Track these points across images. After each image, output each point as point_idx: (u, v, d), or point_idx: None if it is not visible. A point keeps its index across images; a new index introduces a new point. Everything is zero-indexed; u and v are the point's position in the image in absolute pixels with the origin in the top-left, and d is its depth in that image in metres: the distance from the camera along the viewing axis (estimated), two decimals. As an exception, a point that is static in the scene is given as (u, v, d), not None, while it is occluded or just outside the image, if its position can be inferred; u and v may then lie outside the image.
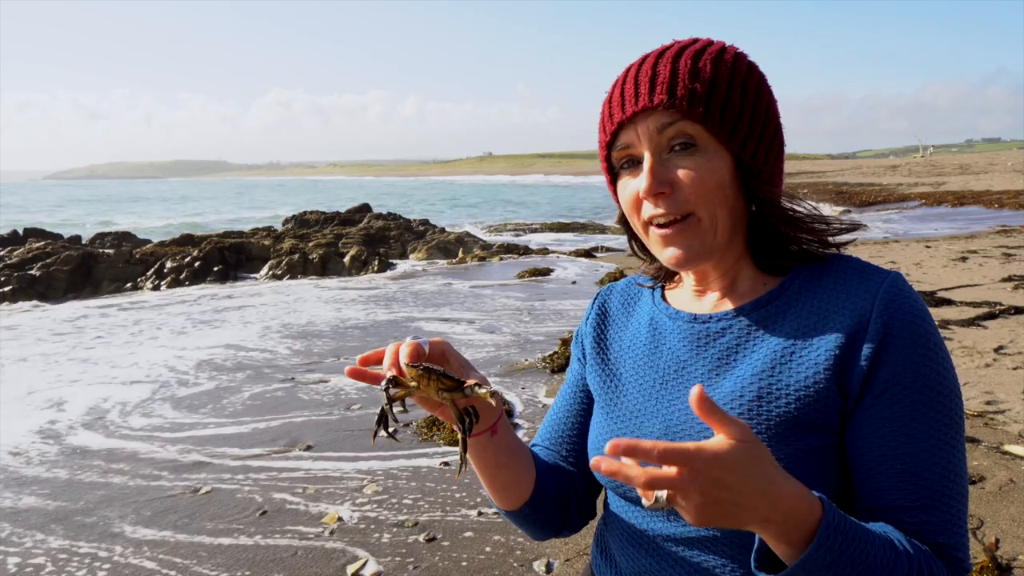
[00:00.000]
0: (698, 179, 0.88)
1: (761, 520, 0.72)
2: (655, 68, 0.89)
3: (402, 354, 0.87)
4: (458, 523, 3.32)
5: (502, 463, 1.00)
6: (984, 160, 51.24)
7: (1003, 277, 8.61)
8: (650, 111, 0.89)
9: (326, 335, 7.57)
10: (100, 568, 3.06)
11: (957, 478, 0.84)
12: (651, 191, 0.89)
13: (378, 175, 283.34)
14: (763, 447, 0.73)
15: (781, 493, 0.72)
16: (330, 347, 7.01)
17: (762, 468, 0.71)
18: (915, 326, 0.85)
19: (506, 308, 8.67)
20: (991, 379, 4.86)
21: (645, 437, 0.96)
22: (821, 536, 0.71)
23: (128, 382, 6.00)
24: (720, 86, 0.88)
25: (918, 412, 0.83)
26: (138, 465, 4.19)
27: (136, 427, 4.86)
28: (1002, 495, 3.29)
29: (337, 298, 10.04)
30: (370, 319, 8.39)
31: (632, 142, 0.91)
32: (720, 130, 0.88)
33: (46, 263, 12.41)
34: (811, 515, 0.73)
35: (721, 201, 0.90)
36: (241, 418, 4.97)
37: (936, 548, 0.82)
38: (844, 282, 0.90)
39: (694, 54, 0.90)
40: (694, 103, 0.87)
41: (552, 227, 22.32)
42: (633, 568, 0.98)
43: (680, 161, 0.89)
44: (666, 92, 0.87)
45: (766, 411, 0.86)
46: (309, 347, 7.03)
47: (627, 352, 1.05)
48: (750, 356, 0.91)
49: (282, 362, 6.48)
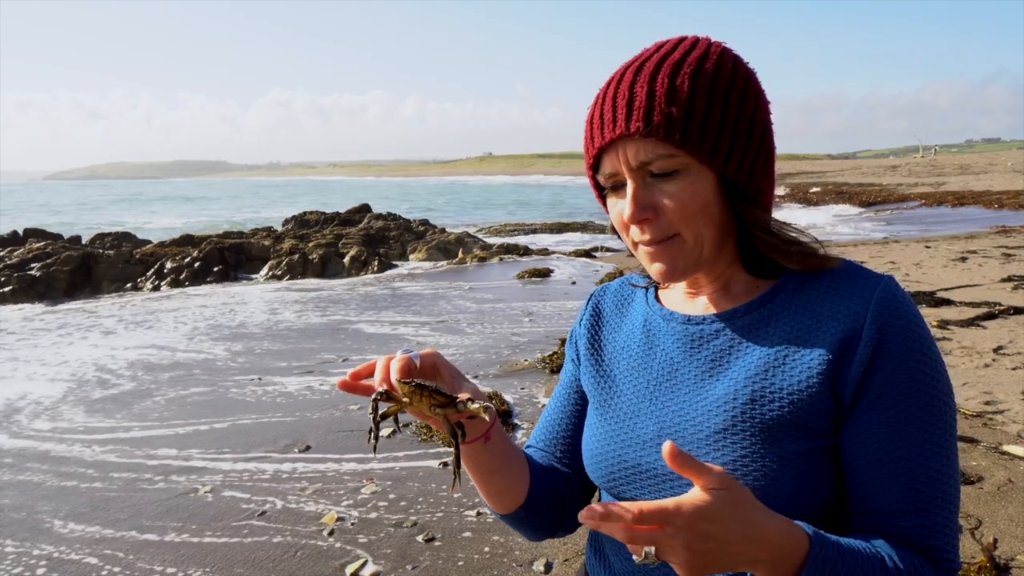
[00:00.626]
0: (680, 204, 0.87)
1: (750, 562, 0.74)
2: (632, 90, 0.88)
3: (393, 369, 0.87)
4: (456, 523, 3.32)
5: (496, 469, 1.00)
6: (984, 160, 51.24)
7: (1003, 277, 8.61)
8: (627, 138, 0.87)
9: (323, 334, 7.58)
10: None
11: (950, 481, 0.84)
12: (634, 219, 0.89)
13: (378, 175, 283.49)
14: (743, 490, 0.74)
15: (766, 534, 0.73)
16: (325, 347, 7.02)
17: (744, 513, 0.73)
18: (909, 331, 0.85)
19: (499, 310, 8.68)
20: (990, 379, 4.86)
21: (638, 439, 0.96)
22: (809, 570, 0.74)
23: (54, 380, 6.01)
24: (698, 105, 0.86)
25: (913, 417, 0.83)
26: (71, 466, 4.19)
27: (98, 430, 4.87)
28: (1000, 495, 3.29)
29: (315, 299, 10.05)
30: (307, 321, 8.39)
31: (616, 169, 0.90)
32: (700, 152, 0.86)
33: (46, 264, 12.41)
34: (798, 549, 0.75)
35: (706, 221, 0.89)
36: (204, 418, 4.97)
37: (928, 551, 0.83)
38: (838, 287, 0.90)
39: (672, 69, 0.87)
40: (671, 129, 0.85)
41: (552, 227, 22.32)
42: (627, 568, 0.98)
43: (663, 186, 0.88)
44: (642, 119, 0.86)
45: (759, 414, 0.86)
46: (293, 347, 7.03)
47: (621, 353, 1.05)
48: (743, 359, 0.91)
49: (225, 364, 6.49)
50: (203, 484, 3.90)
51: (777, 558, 0.74)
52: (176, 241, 15.64)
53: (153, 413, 5.18)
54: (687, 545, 0.71)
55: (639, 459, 0.95)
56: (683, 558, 0.71)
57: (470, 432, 0.94)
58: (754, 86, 0.91)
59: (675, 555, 0.71)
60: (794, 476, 0.84)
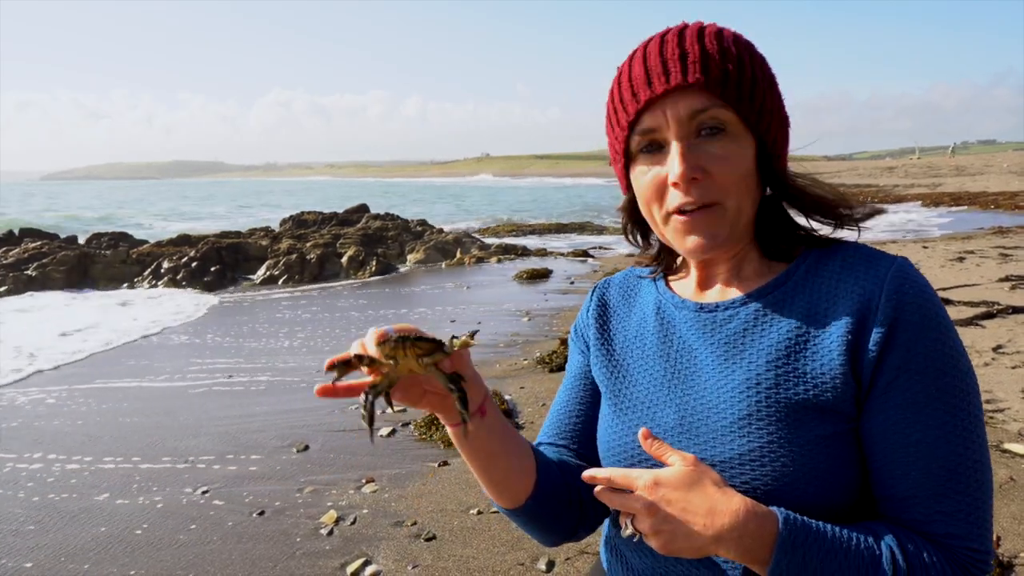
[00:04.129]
0: (729, 167, 0.86)
1: (714, 538, 0.76)
2: (682, 46, 0.86)
3: (368, 338, 0.83)
4: (457, 522, 3.30)
5: (496, 450, 0.96)
6: (980, 162, 51.38)
7: (1000, 277, 8.62)
8: (684, 90, 0.85)
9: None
10: None
11: (973, 464, 0.81)
12: (685, 176, 0.86)
13: (376, 176, 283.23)
14: (708, 470, 0.81)
15: (729, 508, 0.77)
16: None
17: (708, 487, 0.78)
18: (925, 309, 0.83)
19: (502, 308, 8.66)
20: (990, 378, 4.86)
21: (658, 427, 0.95)
22: (778, 553, 0.75)
23: None
24: (746, 69, 0.86)
25: (931, 398, 0.81)
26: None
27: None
28: (1002, 493, 3.28)
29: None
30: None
31: (659, 125, 0.87)
32: (751, 114, 0.86)
33: (42, 263, 12.36)
34: (765, 530, 0.77)
35: (747, 189, 0.89)
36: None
37: (947, 539, 0.80)
38: (851, 267, 0.88)
39: (716, 34, 0.87)
40: (728, 85, 0.84)
41: (550, 228, 22.31)
42: (645, 565, 0.97)
43: (709, 147, 0.86)
44: (700, 71, 0.84)
45: (784, 398, 0.85)
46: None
47: (633, 343, 1.03)
48: (760, 342, 0.90)
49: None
50: (201, 484, 3.87)
51: (743, 536, 0.76)
52: (173, 241, 15.56)
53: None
54: (649, 509, 0.78)
55: None
56: (648, 525, 0.79)
57: (470, 402, 0.89)
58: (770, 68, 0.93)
59: (641, 522, 0.80)
60: (821, 461, 0.83)
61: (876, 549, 0.78)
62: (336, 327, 8.02)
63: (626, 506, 0.81)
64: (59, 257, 12.55)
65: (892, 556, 0.78)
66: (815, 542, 0.76)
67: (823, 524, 0.79)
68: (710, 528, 0.76)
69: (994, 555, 0.85)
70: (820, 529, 0.78)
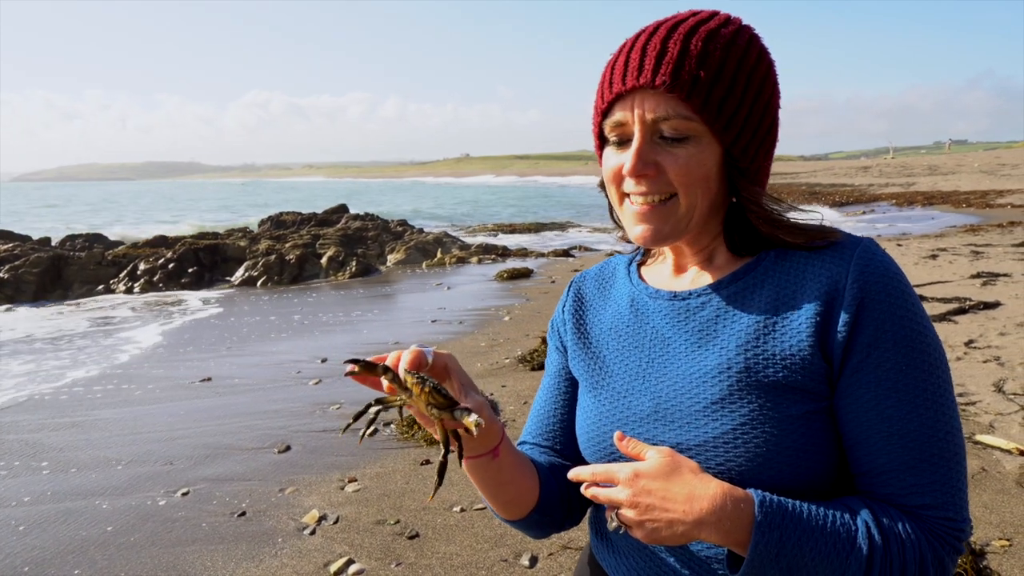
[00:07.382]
0: (684, 169, 0.88)
1: (695, 523, 0.79)
2: (664, 44, 0.87)
3: (404, 358, 0.87)
4: (440, 520, 3.31)
5: (505, 481, 0.99)
6: (952, 161, 52.32)
7: (972, 274, 8.80)
8: (648, 89, 0.87)
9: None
10: None
11: (945, 436, 0.83)
12: (634, 172, 0.89)
13: (355, 177, 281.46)
14: (687, 461, 0.83)
15: (706, 492, 0.80)
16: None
17: (684, 474, 0.81)
18: (891, 287, 0.85)
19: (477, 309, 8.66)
20: (962, 372, 4.96)
21: (634, 416, 0.97)
22: (756, 534, 0.77)
23: None
24: (725, 76, 0.86)
25: (901, 374, 0.83)
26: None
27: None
28: (975, 483, 3.36)
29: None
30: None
31: (626, 120, 0.90)
32: (716, 123, 0.87)
33: (14, 265, 12.13)
34: (743, 512, 0.79)
35: (704, 192, 0.90)
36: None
37: (923, 510, 0.82)
38: (819, 251, 0.90)
39: (707, 35, 0.87)
40: (695, 91, 0.85)
41: (531, 227, 22.34)
42: (631, 546, 0.99)
43: (670, 147, 0.88)
44: (669, 74, 0.85)
45: (755, 380, 0.87)
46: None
47: (609, 334, 1.05)
48: (731, 327, 0.92)
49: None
50: (181, 487, 3.83)
51: (722, 519, 0.78)
52: (149, 242, 15.36)
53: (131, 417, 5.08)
54: (631, 501, 0.81)
55: (636, 435, 0.95)
56: (630, 517, 0.82)
57: (479, 446, 0.93)
58: (773, 77, 0.92)
59: (624, 515, 0.83)
60: (794, 440, 0.85)
61: (852, 525, 0.80)
62: (316, 328, 7.98)
63: (610, 500, 0.84)
64: (32, 259, 12.32)
65: (868, 530, 0.80)
66: (791, 521, 0.79)
67: (799, 503, 0.81)
68: (690, 514, 0.79)
69: (971, 524, 0.88)
70: (796, 508, 0.80)
